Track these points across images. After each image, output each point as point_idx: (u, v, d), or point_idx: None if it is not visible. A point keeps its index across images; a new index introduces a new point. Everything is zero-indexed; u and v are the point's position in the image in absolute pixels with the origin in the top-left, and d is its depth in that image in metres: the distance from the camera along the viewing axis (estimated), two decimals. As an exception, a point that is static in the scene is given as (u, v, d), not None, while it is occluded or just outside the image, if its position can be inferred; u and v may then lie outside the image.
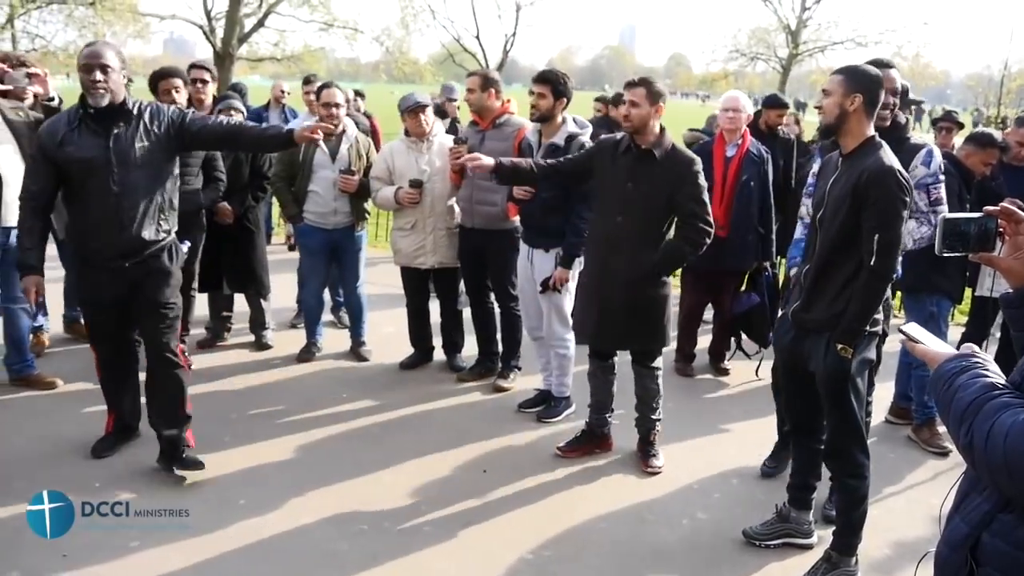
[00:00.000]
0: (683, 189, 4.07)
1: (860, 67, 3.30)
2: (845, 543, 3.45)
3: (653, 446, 4.47)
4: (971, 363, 1.57)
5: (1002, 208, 1.74)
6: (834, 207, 3.24)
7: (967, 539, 1.58)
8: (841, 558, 3.43)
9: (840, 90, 3.21)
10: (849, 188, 3.17)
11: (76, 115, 3.78)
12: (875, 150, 3.20)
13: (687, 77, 53.33)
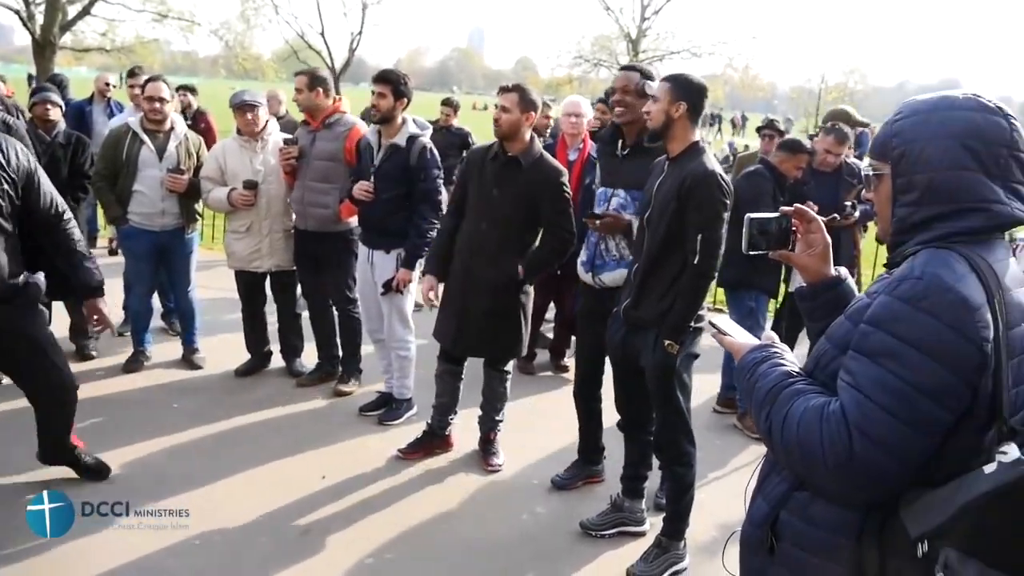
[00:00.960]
0: (548, 198, 4.12)
1: (686, 76, 3.46)
2: (674, 528, 3.61)
3: (494, 444, 4.52)
4: (769, 353, 1.68)
5: (795, 208, 1.87)
6: (660, 208, 3.39)
7: (767, 517, 1.69)
8: (671, 542, 3.59)
9: (667, 97, 3.36)
10: (674, 191, 3.32)
11: None
12: (698, 155, 3.37)
13: (534, 81, 54.27)
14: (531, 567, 3.60)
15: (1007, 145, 1.55)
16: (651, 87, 3.67)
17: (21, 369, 3.77)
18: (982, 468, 1.39)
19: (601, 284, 3.94)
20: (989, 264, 1.50)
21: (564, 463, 4.40)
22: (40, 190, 3.55)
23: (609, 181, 3.94)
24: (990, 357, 1.44)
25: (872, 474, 1.45)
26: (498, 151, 4.18)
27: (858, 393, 1.47)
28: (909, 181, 1.57)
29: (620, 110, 3.80)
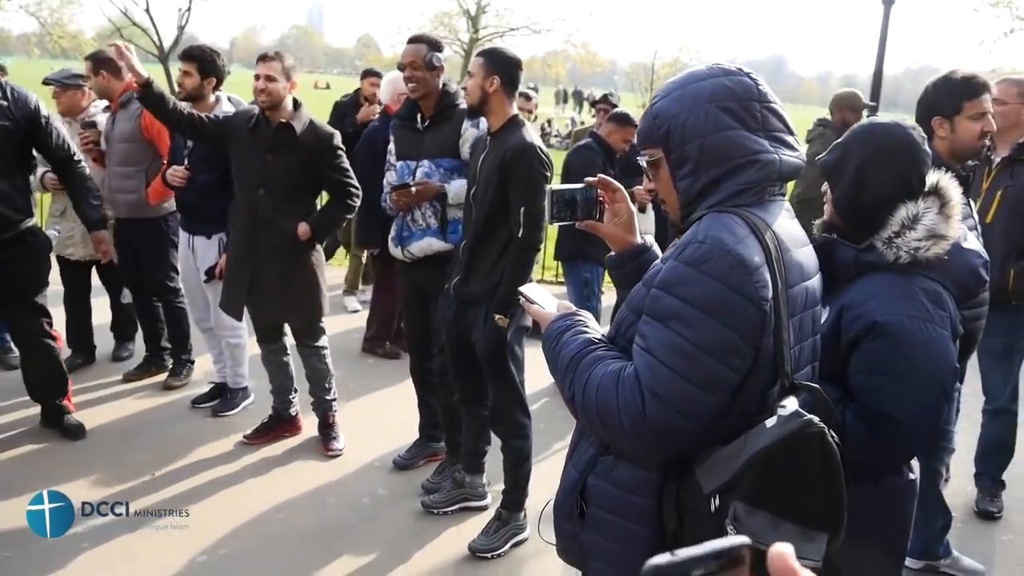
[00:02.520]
0: (326, 160, 4.08)
1: (499, 50, 3.51)
2: (513, 500, 3.66)
3: (332, 428, 4.45)
4: (573, 321, 1.71)
5: (600, 178, 1.91)
6: (484, 184, 3.41)
7: (577, 483, 1.73)
8: (511, 514, 3.64)
9: (481, 72, 3.38)
10: (496, 165, 3.35)
11: None
12: (517, 128, 3.41)
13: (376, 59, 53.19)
14: (372, 550, 3.56)
15: (758, 99, 1.62)
16: (438, 59, 3.75)
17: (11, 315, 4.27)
18: (764, 423, 1.47)
19: (411, 256, 3.93)
20: (768, 225, 1.57)
21: (407, 443, 4.38)
22: (50, 132, 4.09)
23: (412, 154, 3.92)
24: (770, 316, 1.51)
25: (666, 434, 1.50)
26: (261, 119, 4.06)
27: (650, 356, 1.51)
28: (682, 154, 1.62)
29: (412, 86, 3.81)
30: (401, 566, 3.48)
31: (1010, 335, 3.98)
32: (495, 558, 3.55)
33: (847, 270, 2.07)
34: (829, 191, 2.17)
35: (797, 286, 1.60)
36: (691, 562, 0.60)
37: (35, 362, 4.30)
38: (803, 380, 1.61)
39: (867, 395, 1.96)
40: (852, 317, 2.00)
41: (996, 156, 3.89)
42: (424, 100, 3.84)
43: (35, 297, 4.19)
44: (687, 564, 0.60)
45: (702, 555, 0.60)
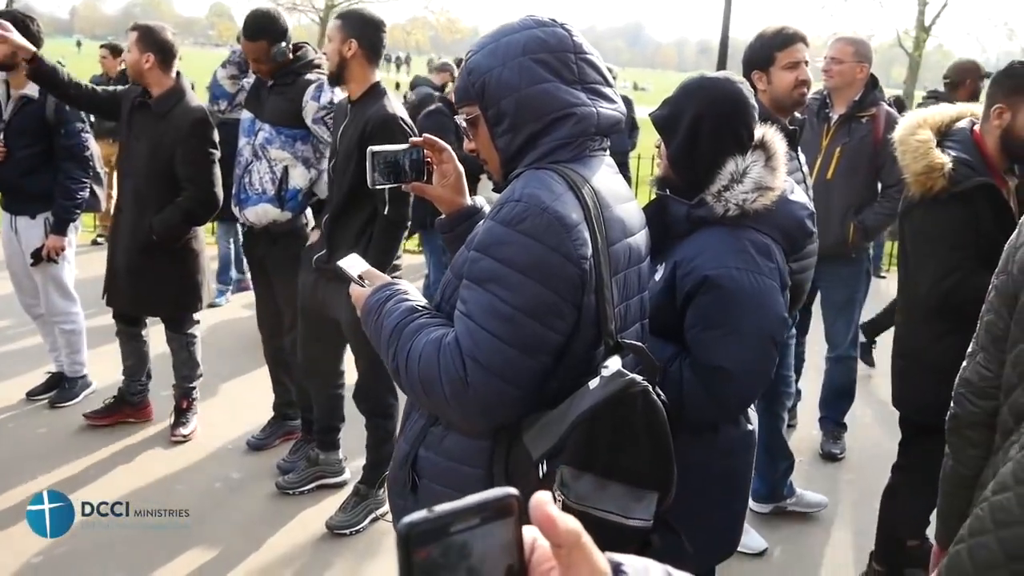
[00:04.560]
0: (180, 149, 3.80)
1: (357, 12, 3.36)
2: (373, 476, 3.58)
3: (184, 414, 4.25)
4: (395, 291, 1.63)
5: (425, 139, 1.83)
6: (345, 155, 3.25)
7: (407, 456, 1.67)
8: (369, 489, 3.56)
9: (338, 36, 3.22)
10: (356, 137, 3.18)
11: None
12: (379, 97, 3.25)
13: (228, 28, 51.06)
14: (225, 536, 3.42)
15: (573, 51, 1.58)
16: (281, 51, 3.66)
17: None
18: (588, 384, 1.44)
19: (248, 221, 3.78)
20: (587, 180, 1.53)
21: (262, 423, 4.23)
22: None
23: (257, 110, 3.75)
24: (589, 274, 1.48)
25: (489, 401, 1.45)
26: (138, 94, 3.85)
27: (470, 321, 1.46)
28: (498, 110, 1.57)
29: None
30: (256, 550, 3.35)
31: (850, 286, 4.16)
32: (354, 534, 3.47)
33: (680, 226, 2.08)
34: (664, 147, 2.16)
35: (619, 243, 1.58)
36: (450, 515, 0.55)
37: None
38: (631, 339, 1.59)
39: (700, 349, 1.97)
40: (685, 272, 2.01)
41: (834, 114, 4.03)
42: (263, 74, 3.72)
43: None
44: (445, 517, 0.55)
45: (462, 508, 0.56)
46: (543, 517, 0.57)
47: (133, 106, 3.85)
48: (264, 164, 3.68)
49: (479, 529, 0.56)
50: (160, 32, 3.86)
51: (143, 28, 3.86)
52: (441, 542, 0.55)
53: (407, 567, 0.54)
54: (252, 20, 3.64)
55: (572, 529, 0.57)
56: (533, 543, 0.59)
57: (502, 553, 0.57)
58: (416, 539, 0.54)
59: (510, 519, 0.58)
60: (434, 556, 0.55)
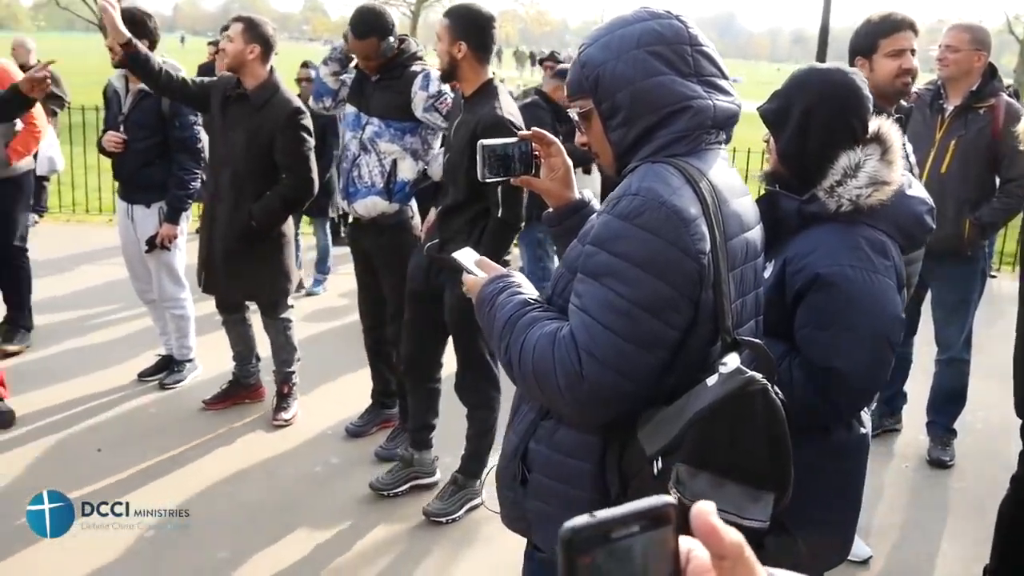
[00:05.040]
0: (280, 138, 3.91)
1: (465, 10, 3.30)
2: (471, 467, 3.59)
3: (285, 399, 4.36)
4: (508, 283, 1.64)
5: (534, 132, 1.83)
6: (459, 152, 3.26)
7: (517, 449, 1.67)
8: (467, 480, 3.58)
9: (447, 37, 3.22)
10: (468, 137, 3.18)
11: None
12: (491, 97, 3.24)
13: (323, 22, 52.24)
14: (325, 520, 3.50)
15: (689, 43, 1.55)
16: (390, 46, 3.65)
17: None
18: (705, 381, 1.41)
19: (356, 214, 3.83)
20: (704, 174, 1.51)
21: (360, 410, 4.31)
22: None
23: (363, 105, 3.78)
24: (708, 269, 1.46)
25: (604, 395, 1.44)
26: (233, 87, 3.95)
27: (585, 315, 1.45)
28: (612, 104, 1.55)
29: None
30: (355, 535, 3.42)
31: (965, 287, 3.99)
32: (450, 523, 3.50)
33: (790, 222, 2.02)
34: (772, 141, 2.11)
35: (736, 238, 1.54)
36: (611, 522, 0.55)
37: None
38: (746, 335, 1.56)
39: (812, 349, 1.91)
40: (795, 270, 1.96)
41: (949, 105, 3.87)
42: (371, 71, 3.75)
43: None
44: (606, 524, 0.55)
45: (623, 515, 0.55)
46: (707, 527, 0.56)
47: (227, 98, 3.94)
48: (373, 157, 3.73)
49: (639, 537, 0.56)
50: (264, 25, 3.98)
51: (249, 20, 3.98)
52: (603, 548, 0.55)
53: (570, 572, 0.54)
54: (360, 19, 3.65)
55: (736, 541, 0.56)
56: (688, 554, 0.58)
57: (661, 562, 0.57)
58: (579, 544, 0.54)
59: (668, 527, 0.57)
60: (597, 562, 0.54)
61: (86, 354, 5.10)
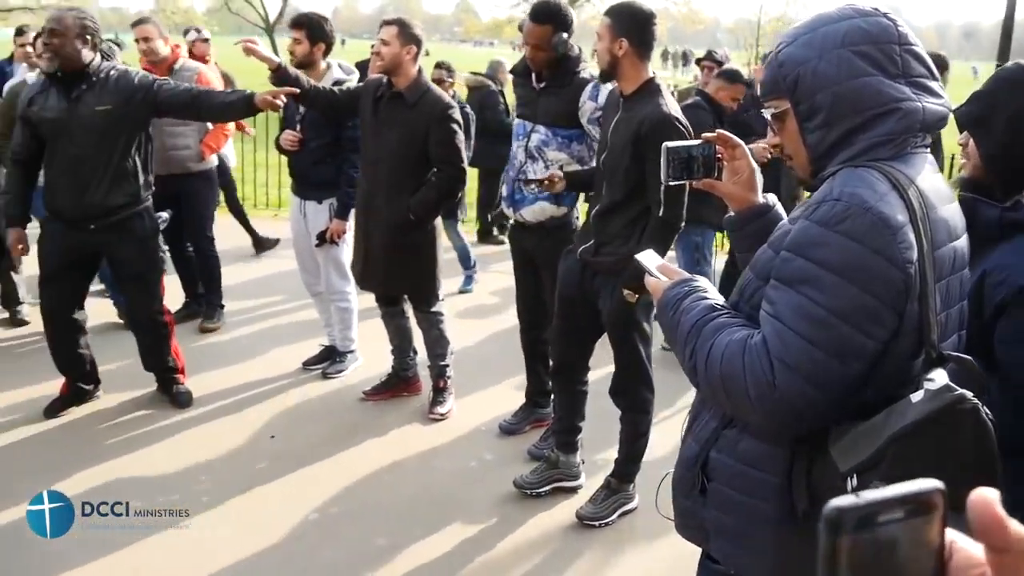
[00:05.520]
0: (434, 133, 4.01)
1: (627, 7, 3.26)
2: (625, 471, 3.57)
3: (441, 393, 4.46)
4: (692, 287, 1.61)
5: (718, 134, 1.79)
6: (618, 152, 3.23)
7: (697, 457, 1.64)
8: (620, 484, 3.56)
9: (608, 34, 3.20)
10: (630, 136, 3.16)
11: (46, 78, 3.97)
12: (654, 95, 3.20)
13: (474, 24, 53.10)
14: (480, 515, 3.56)
15: (897, 42, 1.47)
16: (563, 42, 3.65)
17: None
18: (909, 397, 1.34)
19: (523, 220, 3.85)
20: (912, 180, 1.43)
21: (513, 408, 4.35)
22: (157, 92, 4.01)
23: (528, 114, 3.83)
24: (914, 279, 1.39)
25: (797, 406, 1.39)
26: (385, 87, 4.07)
27: (778, 323, 1.41)
28: (811, 105, 1.49)
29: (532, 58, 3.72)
30: (507, 531, 3.46)
31: None
32: (603, 527, 3.49)
33: (991, 231, 1.89)
34: (973, 146, 1.98)
35: (944, 247, 1.46)
36: (877, 505, 0.53)
37: (144, 339, 4.40)
38: (949, 350, 1.48)
39: (1014, 367, 1.79)
40: (996, 282, 1.83)
41: None
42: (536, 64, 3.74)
43: (147, 281, 4.24)
44: (873, 506, 0.53)
45: (889, 498, 0.53)
46: (990, 517, 0.51)
47: (380, 98, 4.06)
48: (540, 165, 3.76)
49: (902, 523, 0.53)
50: (416, 27, 4.10)
51: (402, 22, 4.08)
52: (869, 531, 0.52)
53: (831, 553, 0.52)
54: (544, 5, 3.68)
55: (1023, 536, 0.51)
56: (951, 545, 0.54)
57: (923, 552, 0.54)
58: (843, 525, 0.52)
59: (933, 515, 0.54)
60: (861, 545, 0.52)
61: (255, 341, 5.39)
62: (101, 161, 3.93)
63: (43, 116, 3.92)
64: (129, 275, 4.24)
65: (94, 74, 3.91)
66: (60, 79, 3.91)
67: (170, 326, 4.42)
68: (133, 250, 4.14)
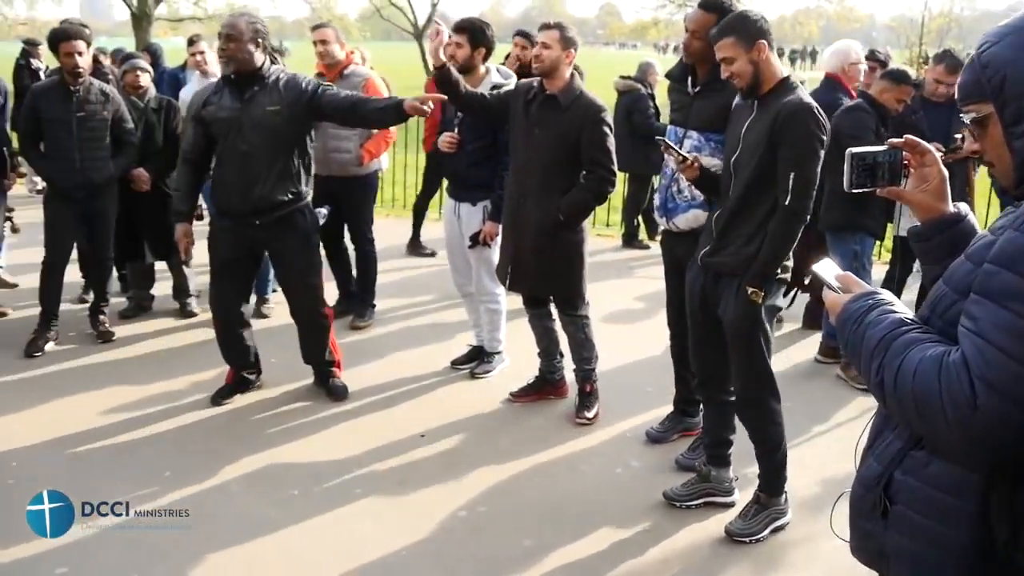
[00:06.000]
0: (587, 135, 4.03)
1: (741, 18, 3.20)
2: (772, 483, 3.46)
3: (588, 397, 4.45)
4: (878, 300, 1.54)
5: (906, 140, 1.71)
6: (750, 149, 3.18)
7: (880, 478, 1.56)
8: (770, 498, 3.45)
9: (738, 50, 3.12)
10: (765, 128, 3.11)
11: (222, 79, 4.26)
12: (791, 90, 3.16)
13: (618, 27, 52.89)
14: (628, 522, 3.52)
15: None
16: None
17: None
18: None
19: (676, 228, 3.79)
20: None
21: (660, 416, 4.29)
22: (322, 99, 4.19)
23: (680, 120, 3.76)
24: None
25: (999, 429, 1.30)
26: (537, 89, 4.09)
27: (981, 339, 1.32)
28: (1019, 107, 1.38)
29: (690, 51, 3.63)
30: (654, 541, 3.41)
31: None
32: (753, 543, 3.39)
33: None
34: None
35: None
36: None
37: (304, 331, 4.57)
38: None
39: None
40: None
41: None
42: (700, 65, 3.66)
43: (308, 274, 4.41)
44: None
45: None
46: None
47: (531, 100, 4.10)
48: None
49: None
50: (574, 31, 4.14)
51: (562, 26, 4.11)
52: None
53: None
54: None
55: None
56: None
57: None
58: None
59: None
60: None
61: (404, 339, 5.55)
62: (268, 159, 4.13)
63: (217, 116, 4.16)
64: (291, 270, 4.42)
65: (265, 76, 4.13)
66: (234, 81, 4.14)
67: (329, 319, 4.58)
68: (296, 245, 4.32)
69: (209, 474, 3.78)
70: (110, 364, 5.03)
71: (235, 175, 4.16)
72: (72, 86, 4.97)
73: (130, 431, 4.19)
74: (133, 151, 5.26)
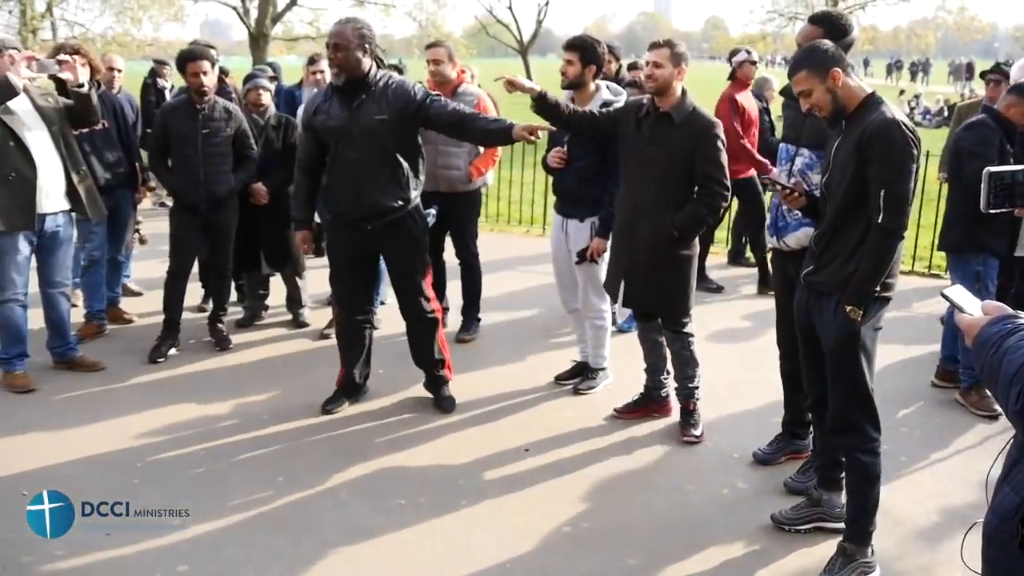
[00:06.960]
0: (700, 151, 4.03)
1: (813, 50, 3.14)
2: (859, 530, 3.25)
3: (692, 415, 4.40)
4: (1017, 324, 1.48)
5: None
6: (841, 169, 3.12)
7: (1018, 508, 1.50)
8: (857, 549, 3.23)
9: (814, 82, 3.08)
10: (853, 146, 3.04)
11: (330, 87, 4.31)
12: (876, 106, 3.08)
13: (724, 40, 52.14)
14: (735, 545, 3.46)
15: None
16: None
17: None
18: None
19: (787, 247, 3.73)
20: None
21: (766, 436, 4.21)
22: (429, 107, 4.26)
23: (792, 137, 3.71)
24: None
25: None
26: (649, 107, 4.09)
27: None
28: None
29: None
30: (762, 564, 3.34)
31: None
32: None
33: None
34: None
35: None
36: None
37: (415, 335, 4.64)
38: None
39: None
40: None
41: None
42: None
43: (416, 275, 4.49)
44: None
45: None
46: None
47: (644, 117, 4.11)
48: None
49: None
50: (683, 47, 4.15)
51: (672, 43, 4.12)
52: None
53: None
54: (825, 10, 3.62)
55: None
56: None
57: None
58: None
59: None
60: None
61: (510, 352, 5.59)
62: (376, 166, 4.21)
63: (327, 124, 4.24)
64: (402, 272, 4.51)
65: (373, 84, 4.19)
66: (342, 89, 4.21)
67: (437, 313, 4.65)
68: (406, 247, 4.42)
69: (319, 481, 3.90)
70: (227, 370, 5.25)
71: (345, 182, 4.27)
72: (198, 104, 5.23)
73: (244, 435, 4.36)
74: (253, 166, 5.49)
